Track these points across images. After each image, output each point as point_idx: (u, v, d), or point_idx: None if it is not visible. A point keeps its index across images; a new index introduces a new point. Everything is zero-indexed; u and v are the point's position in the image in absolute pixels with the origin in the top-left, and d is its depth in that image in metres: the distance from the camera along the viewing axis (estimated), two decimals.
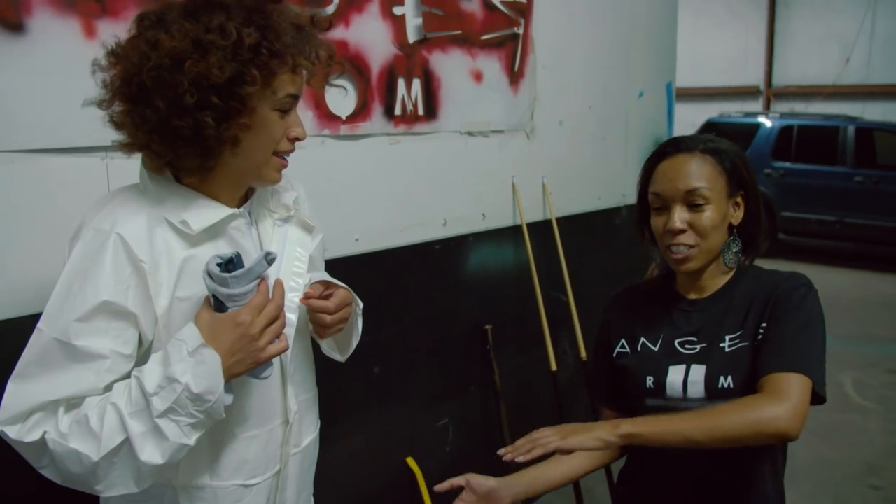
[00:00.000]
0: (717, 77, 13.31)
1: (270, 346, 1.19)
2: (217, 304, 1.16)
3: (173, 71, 1.09)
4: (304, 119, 1.29)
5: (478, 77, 2.76)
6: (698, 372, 1.41)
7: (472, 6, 2.70)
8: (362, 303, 1.52)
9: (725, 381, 1.38)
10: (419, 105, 2.53)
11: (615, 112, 3.64)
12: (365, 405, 2.50)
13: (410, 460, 2.69)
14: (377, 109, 2.39)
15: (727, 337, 1.43)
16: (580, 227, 3.44)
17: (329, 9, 2.19)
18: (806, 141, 9.04)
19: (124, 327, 1.16)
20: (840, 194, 8.63)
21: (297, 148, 1.29)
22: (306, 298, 1.32)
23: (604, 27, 3.46)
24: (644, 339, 1.52)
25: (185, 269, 1.20)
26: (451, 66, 2.63)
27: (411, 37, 2.47)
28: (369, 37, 2.33)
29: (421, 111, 2.54)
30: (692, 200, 1.42)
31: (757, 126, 9.36)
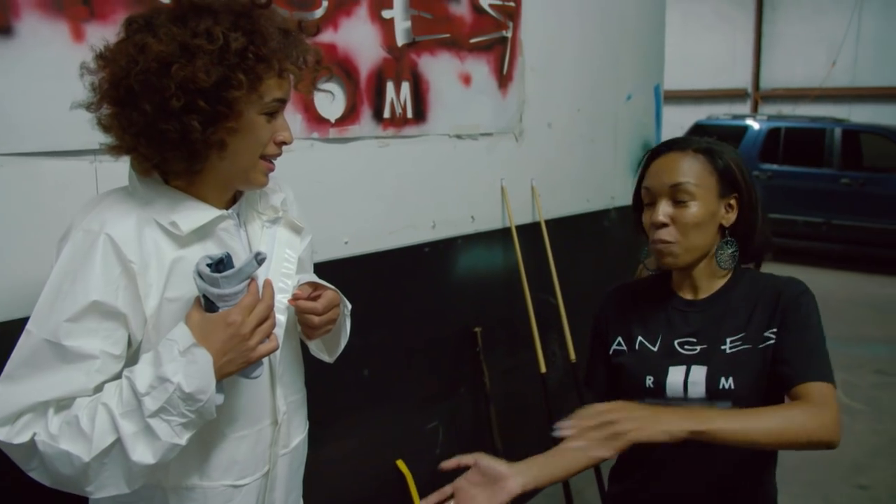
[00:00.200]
0: (705, 80, 13.36)
1: (261, 345, 1.20)
2: (207, 305, 1.17)
3: (160, 75, 1.10)
4: (292, 122, 1.30)
5: (466, 80, 2.77)
6: (699, 373, 1.42)
7: (461, 9, 2.71)
8: (351, 305, 1.53)
9: (727, 382, 1.40)
10: (408, 108, 2.54)
11: (604, 115, 3.66)
12: (354, 407, 2.51)
13: (400, 463, 2.69)
14: (366, 112, 2.40)
15: (728, 339, 1.44)
16: (569, 229, 3.46)
17: (318, 12, 2.20)
18: (793, 143, 9.11)
19: (114, 328, 1.17)
20: (827, 196, 8.70)
21: (285, 151, 1.29)
22: (295, 299, 1.33)
23: (592, 30, 3.48)
24: (642, 338, 1.52)
25: (175, 270, 1.21)
26: (439, 69, 2.64)
27: (400, 40, 2.48)
28: (358, 40, 2.34)
29: (410, 114, 2.55)
30: (677, 196, 1.43)
31: (745, 128, 9.44)
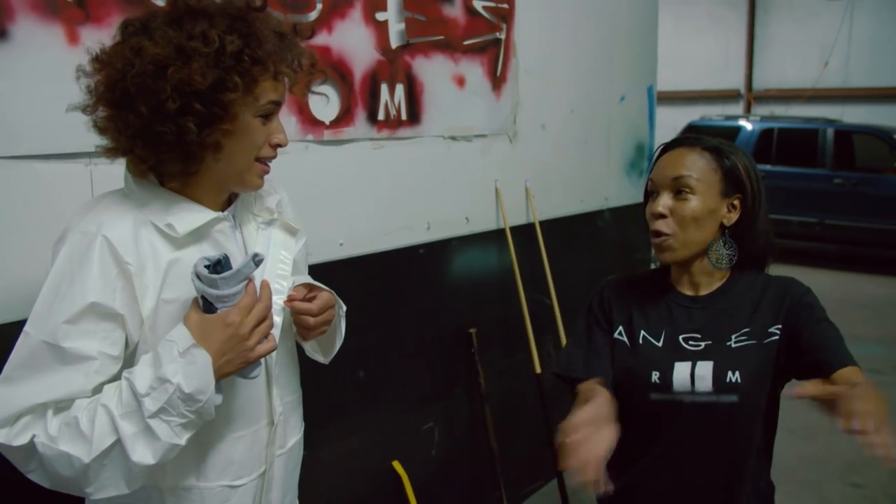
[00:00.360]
0: (698, 81, 13.40)
1: (259, 346, 1.21)
2: (206, 306, 1.17)
3: (156, 77, 1.11)
4: (287, 124, 1.31)
5: (460, 82, 2.78)
6: (705, 367, 1.44)
7: (455, 11, 2.72)
8: (346, 306, 1.54)
9: (733, 376, 1.43)
10: (402, 110, 2.55)
11: (597, 116, 3.67)
12: (350, 409, 2.51)
13: (396, 464, 2.70)
14: (360, 115, 2.40)
15: (733, 335, 1.48)
16: (563, 230, 3.47)
17: (312, 15, 2.20)
18: (786, 144, 9.15)
19: (112, 329, 1.17)
20: (820, 196, 8.75)
21: (280, 153, 1.30)
22: (290, 301, 1.34)
23: (586, 32, 3.49)
24: (645, 332, 1.53)
25: (171, 272, 1.21)
26: (433, 71, 2.65)
27: (394, 42, 2.49)
28: (352, 42, 2.34)
29: (404, 116, 2.56)
30: (678, 189, 1.46)
31: (738, 129, 9.47)
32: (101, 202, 1.24)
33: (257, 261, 1.17)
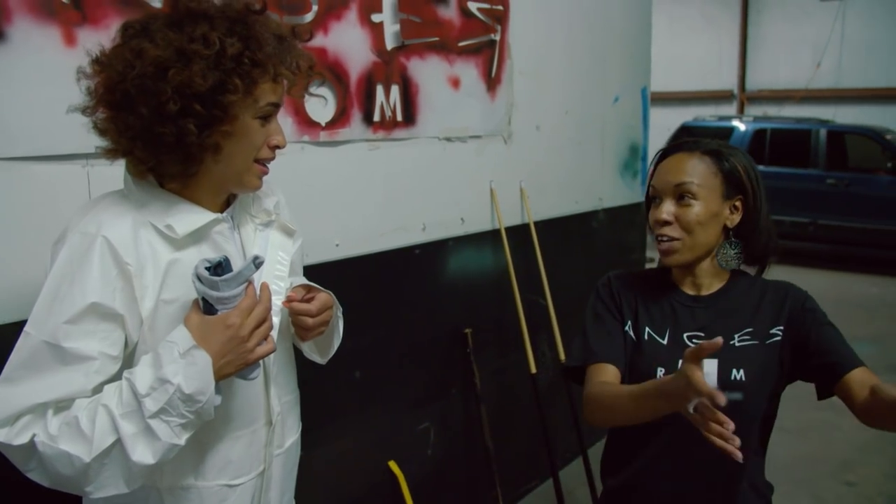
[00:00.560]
0: (691, 81, 13.44)
1: (259, 347, 1.22)
2: (206, 307, 1.18)
3: (157, 79, 1.12)
4: (283, 126, 1.32)
5: (455, 83, 2.79)
6: (710, 365, 1.46)
7: (450, 13, 2.73)
8: (342, 307, 1.54)
9: (738, 374, 1.45)
10: (398, 111, 2.56)
11: (591, 117, 3.69)
12: (346, 409, 2.52)
13: (392, 464, 2.70)
14: (356, 116, 2.41)
15: (736, 335, 1.50)
16: (558, 230, 3.48)
17: (307, 16, 2.21)
18: (779, 144, 9.19)
19: (112, 329, 1.18)
20: (813, 197, 8.79)
21: (276, 154, 1.31)
22: (289, 301, 1.34)
23: (579, 33, 3.51)
24: (650, 329, 1.55)
25: (170, 272, 1.22)
26: (428, 72, 2.66)
27: (389, 43, 2.49)
28: (348, 44, 2.35)
29: (399, 117, 2.57)
30: (681, 195, 1.48)
31: (731, 130, 9.51)
32: (100, 203, 1.24)
33: (258, 263, 1.18)
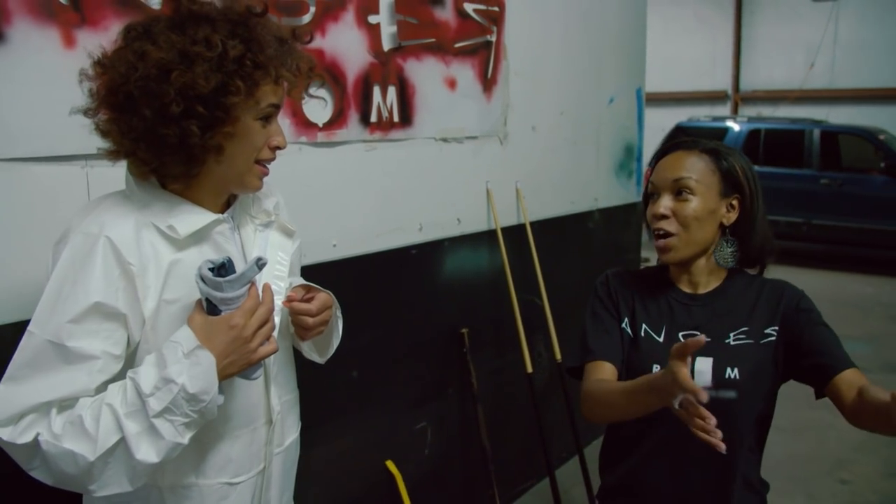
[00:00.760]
0: (686, 82, 13.47)
1: (261, 347, 1.23)
2: (210, 308, 1.19)
3: (160, 81, 1.13)
4: (281, 127, 1.33)
5: (451, 84, 2.80)
6: (705, 363, 1.48)
7: (446, 14, 2.74)
8: (339, 307, 1.55)
9: (732, 373, 1.47)
10: (394, 112, 2.57)
11: (587, 118, 3.70)
12: (344, 408, 2.53)
13: (390, 463, 2.71)
14: (353, 117, 2.42)
15: (731, 333, 1.52)
16: (554, 231, 3.50)
17: (305, 18, 2.22)
18: (773, 144, 9.24)
19: (115, 328, 1.19)
20: (807, 197, 8.83)
21: (277, 156, 1.32)
22: (289, 301, 1.36)
23: (575, 34, 3.52)
24: (646, 326, 1.57)
25: (172, 273, 1.23)
26: (425, 73, 2.67)
27: (386, 45, 2.50)
28: (345, 45, 2.36)
29: (396, 118, 2.58)
30: (679, 190, 1.50)
31: (725, 130, 9.55)
32: (102, 203, 1.25)
33: (261, 265, 1.20)
